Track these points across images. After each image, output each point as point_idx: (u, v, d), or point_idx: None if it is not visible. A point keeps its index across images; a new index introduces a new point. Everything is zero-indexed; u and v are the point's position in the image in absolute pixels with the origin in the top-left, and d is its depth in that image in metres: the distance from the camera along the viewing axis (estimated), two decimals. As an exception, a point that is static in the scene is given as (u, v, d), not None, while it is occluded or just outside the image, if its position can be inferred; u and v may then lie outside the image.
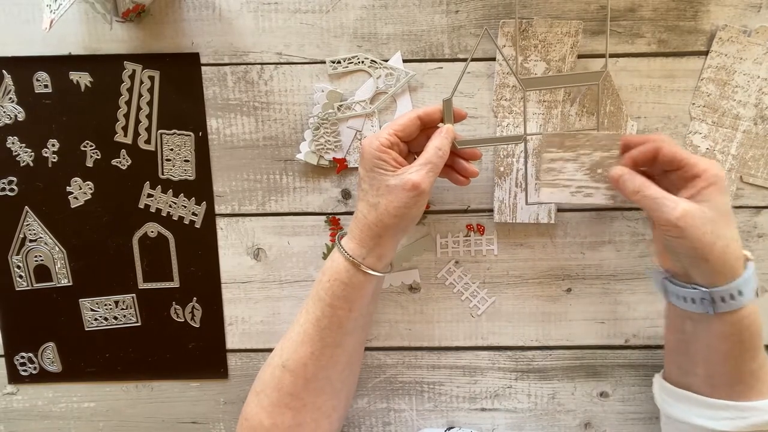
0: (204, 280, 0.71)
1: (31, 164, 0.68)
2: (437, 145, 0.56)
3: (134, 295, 0.71)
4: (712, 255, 0.50)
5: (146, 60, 0.66)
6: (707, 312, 0.52)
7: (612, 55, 0.65)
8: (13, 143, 0.68)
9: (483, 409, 0.73)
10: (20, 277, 0.71)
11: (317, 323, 0.58)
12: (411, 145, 0.60)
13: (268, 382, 0.60)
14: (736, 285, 0.51)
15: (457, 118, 0.59)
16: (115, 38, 0.65)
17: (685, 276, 0.54)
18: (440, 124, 0.58)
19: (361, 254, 0.57)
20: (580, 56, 0.64)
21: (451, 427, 0.70)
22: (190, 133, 0.68)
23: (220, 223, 0.70)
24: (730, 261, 0.51)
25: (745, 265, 0.52)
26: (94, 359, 0.73)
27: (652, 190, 0.52)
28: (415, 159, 0.57)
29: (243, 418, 0.61)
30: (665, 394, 0.61)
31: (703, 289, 0.52)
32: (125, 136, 0.68)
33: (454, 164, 0.60)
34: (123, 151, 0.68)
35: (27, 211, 0.69)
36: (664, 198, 0.51)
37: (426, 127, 0.59)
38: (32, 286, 0.71)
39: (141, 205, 0.69)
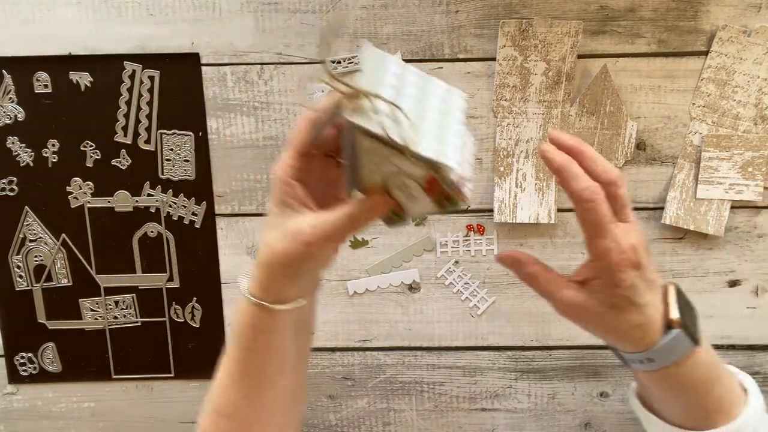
0: (204, 280, 0.71)
1: (31, 164, 0.68)
2: (348, 213, 0.43)
3: (134, 295, 0.71)
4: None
5: (146, 60, 0.66)
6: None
7: (612, 55, 0.65)
8: (13, 143, 0.68)
9: (483, 409, 0.73)
10: (20, 277, 0.71)
11: (239, 365, 0.51)
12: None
13: (209, 430, 0.53)
14: (645, 355, 0.47)
15: None
16: (115, 38, 0.65)
17: None
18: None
19: (261, 295, 0.48)
20: (580, 56, 0.64)
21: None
22: (190, 133, 0.68)
23: (220, 223, 0.70)
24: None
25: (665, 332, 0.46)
26: (94, 359, 0.73)
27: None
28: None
29: None
30: (638, 410, 0.61)
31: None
32: (125, 136, 0.67)
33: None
34: (123, 151, 0.68)
35: (27, 211, 0.69)
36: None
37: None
38: (32, 286, 0.71)
39: (141, 205, 0.69)
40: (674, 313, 0.46)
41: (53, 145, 0.68)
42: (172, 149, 0.68)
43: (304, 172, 0.46)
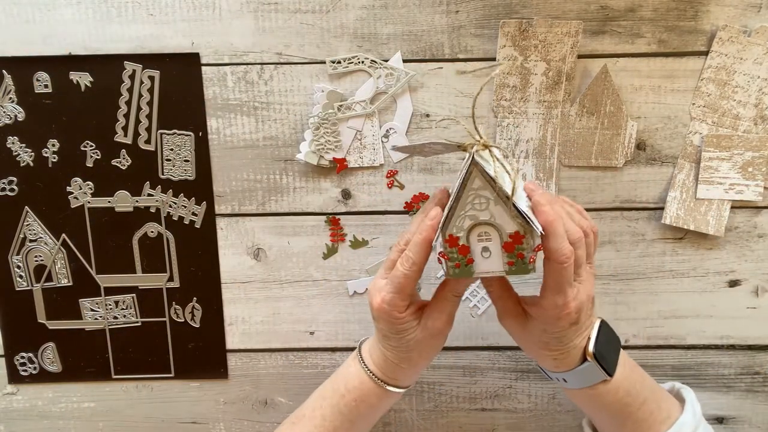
0: (204, 280, 0.71)
1: (31, 164, 0.68)
2: (447, 292, 0.53)
3: (134, 295, 0.71)
4: None
5: (146, 60, 0.66)
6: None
7: (612, 55, 0.65)
8: (13, 143, 0.68)
9: (483, 409, 0.73)
10: (20, 277, 0.71)
11: (332, 424, 0.58)
12: None
13: None
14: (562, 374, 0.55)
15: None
16: (115, 38, 0.65)
17: None
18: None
19: (384, 378, 0.57)
20: (580, 56, 0.64)
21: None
22: (190, 133, 0.68)
23: (220, 223, 0.70)
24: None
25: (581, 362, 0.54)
26: (94, 359, 0.73)
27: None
28: None
29: None
30: None
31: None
32: (125, 136, 0.68)
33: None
34: (123, 151, 0.68)
35: (27, 211, 0.69)
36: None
37: None
38: (32, 286, 0.71)
39: (141, 205, 0.69)
40: (591, 348, 0.52)
41: (53, 145, 0.68)
42: (172, 149, 0.68)
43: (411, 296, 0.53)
